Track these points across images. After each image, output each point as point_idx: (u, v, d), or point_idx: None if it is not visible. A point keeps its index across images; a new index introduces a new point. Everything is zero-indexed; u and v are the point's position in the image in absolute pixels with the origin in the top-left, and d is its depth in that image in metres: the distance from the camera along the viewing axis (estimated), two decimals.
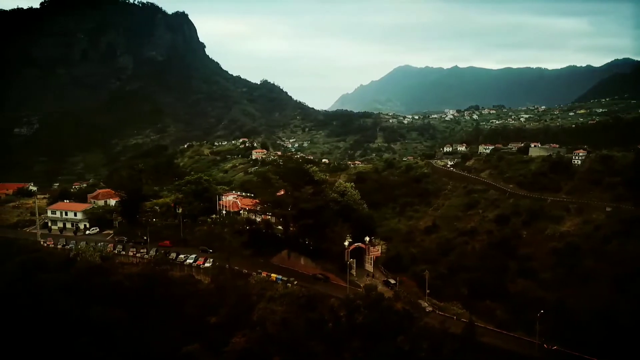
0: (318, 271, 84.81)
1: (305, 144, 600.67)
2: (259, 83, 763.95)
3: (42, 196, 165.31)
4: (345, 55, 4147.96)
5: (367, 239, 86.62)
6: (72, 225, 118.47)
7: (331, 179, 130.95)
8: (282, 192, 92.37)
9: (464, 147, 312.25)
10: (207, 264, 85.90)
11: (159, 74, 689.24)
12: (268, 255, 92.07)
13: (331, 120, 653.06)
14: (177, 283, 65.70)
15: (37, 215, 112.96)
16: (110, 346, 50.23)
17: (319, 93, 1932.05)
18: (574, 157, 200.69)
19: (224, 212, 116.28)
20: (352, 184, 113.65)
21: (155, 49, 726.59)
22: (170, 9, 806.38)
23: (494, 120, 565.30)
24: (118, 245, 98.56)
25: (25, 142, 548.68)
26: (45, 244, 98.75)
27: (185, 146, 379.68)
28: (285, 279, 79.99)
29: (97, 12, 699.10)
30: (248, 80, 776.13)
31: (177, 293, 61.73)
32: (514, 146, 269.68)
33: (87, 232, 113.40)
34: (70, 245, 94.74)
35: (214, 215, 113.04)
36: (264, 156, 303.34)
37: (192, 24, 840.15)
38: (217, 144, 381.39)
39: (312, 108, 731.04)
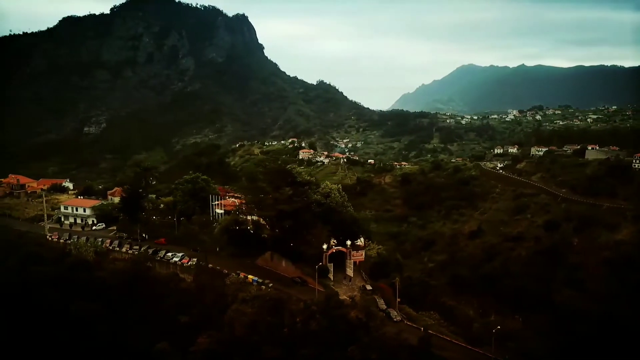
0: (298, 274, 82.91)
1: (359, 144, 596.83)
2: (315, 84, 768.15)
3: (73, 192, 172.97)
4: (408, 55, 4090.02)
5: (349, 242, 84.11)
6: (82, 220, 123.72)
7: (338, 180, 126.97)
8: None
9: (515, 149, 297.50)
10: (190, 263, 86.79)
11: (219, 75, 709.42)
12: (254, 256, 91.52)
13: (386, 120, 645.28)
14: (159, 280, 66.21)
15: (45, 210, 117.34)
16: (87, 341, 51.04)
17: (379, 93, 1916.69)
18: (634, 161, 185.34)
19: (218, 211, 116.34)
20: (339, 185, 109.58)
21: (215, 51, 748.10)
22: (230, 12, 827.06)
23: (558, 121, 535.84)
24: (114, 242, 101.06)
25: (94, 140, 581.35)
26: (50, 238, 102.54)
27: (237, 145, 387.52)
28: (260, 280, 79.04)
29: (162, 17, 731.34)
30: (304, 81, 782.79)
31: (158, 290, 62.05)
32: (569, 148, 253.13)
33: (94, 227, 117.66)
34: (71, 240, 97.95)
35: (204, 217, 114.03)
36: (310, 156, 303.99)
37: (252, 26, 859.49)
38: (267, 143, 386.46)
39: (367, 108, 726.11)
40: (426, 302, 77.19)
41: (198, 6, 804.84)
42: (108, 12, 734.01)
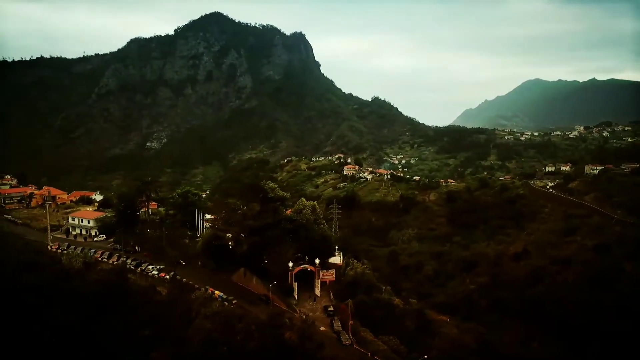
0: (265, 292, 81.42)
1: (413, 161, 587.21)
2: (370, 100, 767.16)
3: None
4: (470, 69, 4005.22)
5: (318, 261, 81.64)
6: (86, 231, 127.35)
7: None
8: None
9: (568, 167, 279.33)
10: (167, 276, 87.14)
11: (275, 93, 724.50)
12: (232, 271, 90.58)
13: (442, 136, 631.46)
14: (134, 292, 66.41)
15: (49, 221, 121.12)
16: (55, 350, 51.89)
17: (438, 109, 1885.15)
18: None
19: (205, 225, 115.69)
20: (315, 202, 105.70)
21: (272, 69, 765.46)
22: (288, 30, 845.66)
23: (627, 138, 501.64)
24: (105, 253, 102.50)
25: (155, 155, 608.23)
26: (50, 248, 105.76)
27: (285, 161, 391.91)
28: (225, 296, 78.46)
29: (222, 36, 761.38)
30: (359, 98, 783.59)
31: (130, 302, 62.25)
32: (627, 167, 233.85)
33: (95, 239, 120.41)
34: (66, 250, 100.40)
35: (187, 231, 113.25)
36: (354, 172, 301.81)
37: (309, 44, 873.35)
38: (314, 159, 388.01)
39: (423, 124, 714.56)
40: (391, 325, 72.45)
41: (257, 25, 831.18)
42: (172, 33, 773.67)
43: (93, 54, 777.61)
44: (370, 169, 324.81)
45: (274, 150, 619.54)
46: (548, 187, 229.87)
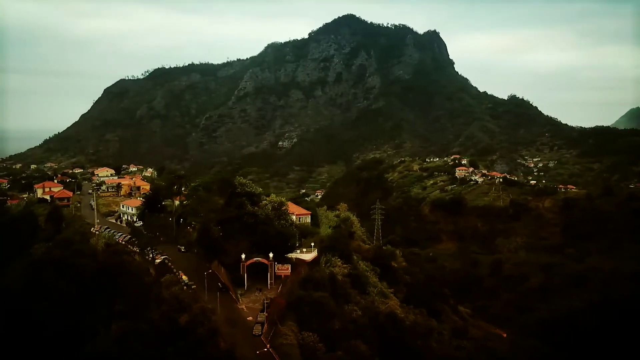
0: (227, 281, 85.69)
1: (551, 164, 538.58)
2: (506, 98, 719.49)
3: None
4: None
5: (271, 255, 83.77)
6: (130, 218, 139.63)
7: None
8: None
9: None
10: (157, 260, 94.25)
11: (404, 92, 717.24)
12: (213, 260, 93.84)
13: (587, 138, 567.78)
14: (129, 272, 71.92)
15: (96, 208, 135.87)
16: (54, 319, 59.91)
17: (598, 108, 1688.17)
18: None
19: None
20: (283, 199, 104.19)
21: (403, 69, 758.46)
22: (422, 29, 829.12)
23: None
24: (126, 237, 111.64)
25: (285, 153, 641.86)
26: (93, 230, 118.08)
27: (398, 161, 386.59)
28: (190, 283, 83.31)
29: (353, 38, 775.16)
30: (494, 96, 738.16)
31: (123, 281, 67.87)
32: None
33: (134, 224, 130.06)
34: (100, 232, 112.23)
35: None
36: (466, 174, 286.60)
37: (443, 42, 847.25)
38: (428, 160, 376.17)
39: (565, 124, 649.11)
40: (321, 322, 68.45)
41: (389, 25, 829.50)
42: (306, 36, 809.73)
43: (235, 59, 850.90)
44: (484, 171, 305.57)
45: (398, 150, 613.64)
46: None
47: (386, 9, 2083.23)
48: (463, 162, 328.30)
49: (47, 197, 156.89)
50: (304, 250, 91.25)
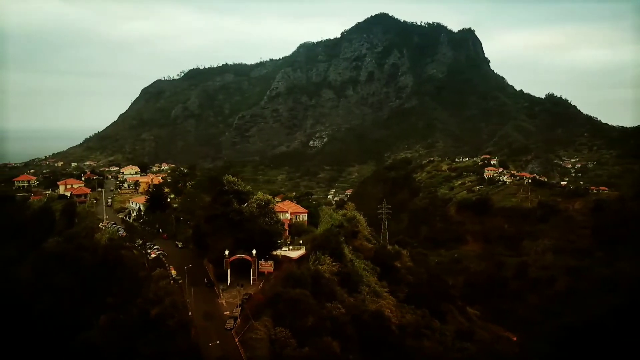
0: (213, 277, 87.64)
1: (590, 165, 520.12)
2: (543, 97, 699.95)
3: None
4: None
5: (254, 252, 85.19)
6: (137, 213, 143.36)
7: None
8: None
9: None
10: (153, 255, 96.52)
11: (437, 91, 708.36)
12: (204, 256, 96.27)
13: (628, 138, 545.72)
14: (125, 266, 73.93)
15: (104, 204, 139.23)
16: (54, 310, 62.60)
17: None
18: None
19: None
20: (271, 196, 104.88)
21: (436, 67, 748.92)
22: (456, 27, 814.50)
23: None
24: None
25: (316, 153, 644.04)
26: (101, 225, 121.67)
27: (427, 161, 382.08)
28: (177, 277, 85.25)
29: (386, 37, 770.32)
30: (531, 95, 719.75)
31: (119, 274, 69.81)
32: None
33: (140, 220, 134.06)
34: (105, 227, 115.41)
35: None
36: (494, 174, 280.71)
37: (478, 40, 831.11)
38: (457, 160, 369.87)
39: (606, 124, 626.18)
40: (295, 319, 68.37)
41: (422, 24, 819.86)
42: (339, 36, 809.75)
43: (268, 59, 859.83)
44: (514, 171, 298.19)
45: (430, 150, 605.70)
46: None
47: (421, 7, 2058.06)
48: (492, 163, 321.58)
49: (68, 193, 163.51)
50: (291, 247, 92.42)
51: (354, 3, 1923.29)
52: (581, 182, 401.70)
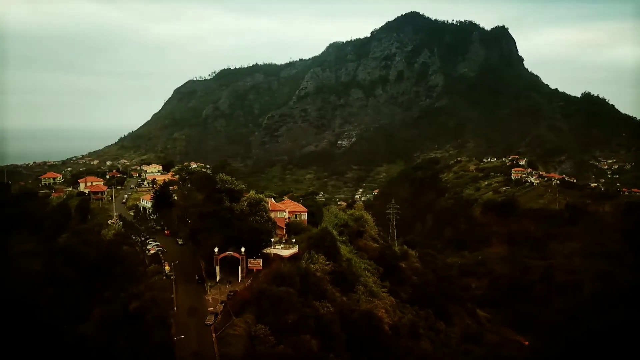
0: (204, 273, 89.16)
1: (627, 166, 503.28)
2: (579, 96, 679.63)
3: None
4: None
5: (243, 249, 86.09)
6: (146, 211, 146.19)
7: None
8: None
9: None
10: (152, 252, 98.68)
11: (468, 91, 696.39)
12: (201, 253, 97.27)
13: None
14: (125, 262, 75.58)
15: (114, 202, 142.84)
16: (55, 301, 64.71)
17: None
18: None
19: None
20: (262, 196, 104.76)
21: (467, 66, 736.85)
22: (489, 25, 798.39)
23: None
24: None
25: (344, 153, 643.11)
26: (110, 222, 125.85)
27: (454, 161, 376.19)
28: (170, 273, 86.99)
29: (416, 36, 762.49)
30: (567, 94, 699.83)
31: (119, 269, 71.53)
32: None
33: (149, 217, 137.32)
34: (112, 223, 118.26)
35: None
36: (523, 175, 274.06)
37: (512, 38, 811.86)
38: (485, 160, 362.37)
39: None
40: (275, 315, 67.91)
41: (454, 22, 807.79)
42: (368, 35, 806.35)
43: (297, 59, 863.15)
44: (542, 172, 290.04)
45: (460, 150, 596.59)
46: None
47: (453, 6, 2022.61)
48: (521, 163, 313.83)
49: (87, 191, 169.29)
50: (282, 246, 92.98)
51: (385, 3, 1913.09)
52: (618, 184, 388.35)
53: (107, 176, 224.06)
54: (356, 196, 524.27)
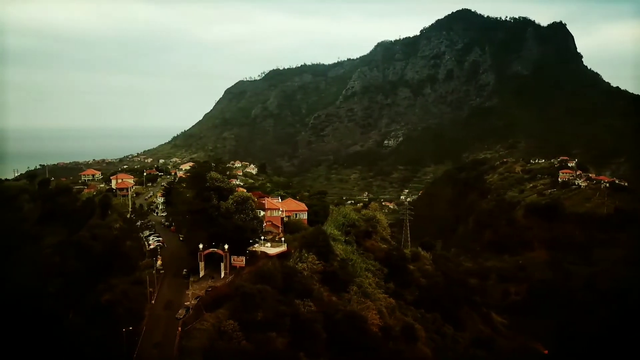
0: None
1: None
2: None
3: None
4: None
5: (227, 246, 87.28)
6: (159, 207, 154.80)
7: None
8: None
9: None
10: (152, 245, 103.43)
11: (520, 89, 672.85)
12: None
13: None
14: (127, 256, 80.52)
15: (130, 199, 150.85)
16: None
17: None
18: None
19: None
20: (251, 195, 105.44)
21: (521, 64, 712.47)
22: (545, 21, 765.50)
23: None
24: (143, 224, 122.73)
25: (390, 152, 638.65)
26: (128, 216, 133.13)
27: (499, 162, 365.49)
28: (159, 267, 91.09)
29: (467, 33, 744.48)
30: (629, 92, 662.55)
31: (120, 263, 76.48)
32: None
33: (161, 213, 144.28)
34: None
35: None
36: (570, 177, 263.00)
37: (570, 34, 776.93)
38: (532, 161, 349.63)
39: None
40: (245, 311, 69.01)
41: (507, 19, 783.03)
42: (417, 34, 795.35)
43: (345, 59, 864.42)
44: (592, 174, 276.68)
45: (511, 150, 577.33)
46: None
47: (507, 2, 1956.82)
48: (570, 165, 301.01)
49: (116, 187, 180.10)
50: (270, 244, 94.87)
51: (436, 2, 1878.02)
52: (625, 184, 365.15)
53: (145, 173, 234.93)
54: (401, 197, 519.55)
